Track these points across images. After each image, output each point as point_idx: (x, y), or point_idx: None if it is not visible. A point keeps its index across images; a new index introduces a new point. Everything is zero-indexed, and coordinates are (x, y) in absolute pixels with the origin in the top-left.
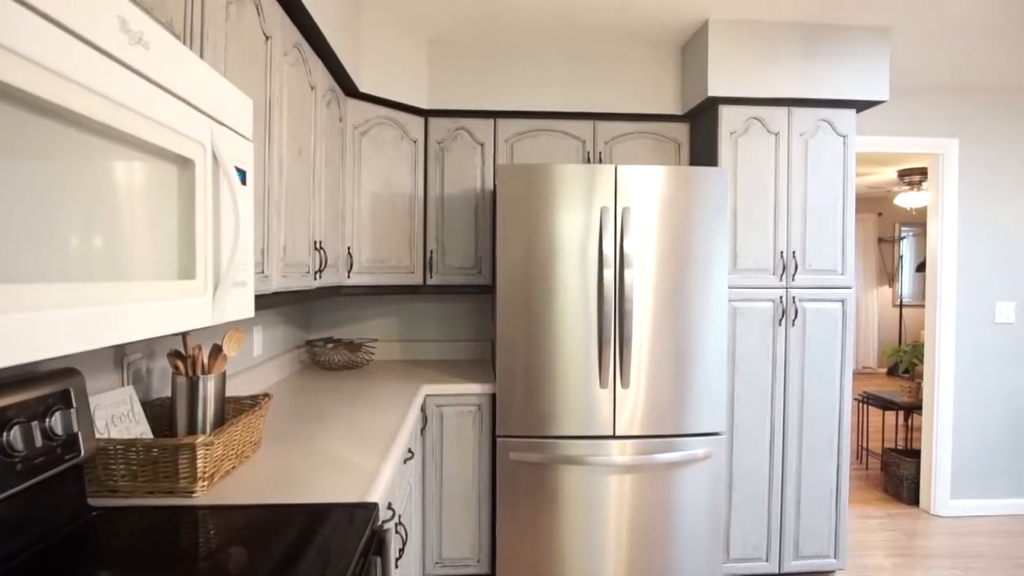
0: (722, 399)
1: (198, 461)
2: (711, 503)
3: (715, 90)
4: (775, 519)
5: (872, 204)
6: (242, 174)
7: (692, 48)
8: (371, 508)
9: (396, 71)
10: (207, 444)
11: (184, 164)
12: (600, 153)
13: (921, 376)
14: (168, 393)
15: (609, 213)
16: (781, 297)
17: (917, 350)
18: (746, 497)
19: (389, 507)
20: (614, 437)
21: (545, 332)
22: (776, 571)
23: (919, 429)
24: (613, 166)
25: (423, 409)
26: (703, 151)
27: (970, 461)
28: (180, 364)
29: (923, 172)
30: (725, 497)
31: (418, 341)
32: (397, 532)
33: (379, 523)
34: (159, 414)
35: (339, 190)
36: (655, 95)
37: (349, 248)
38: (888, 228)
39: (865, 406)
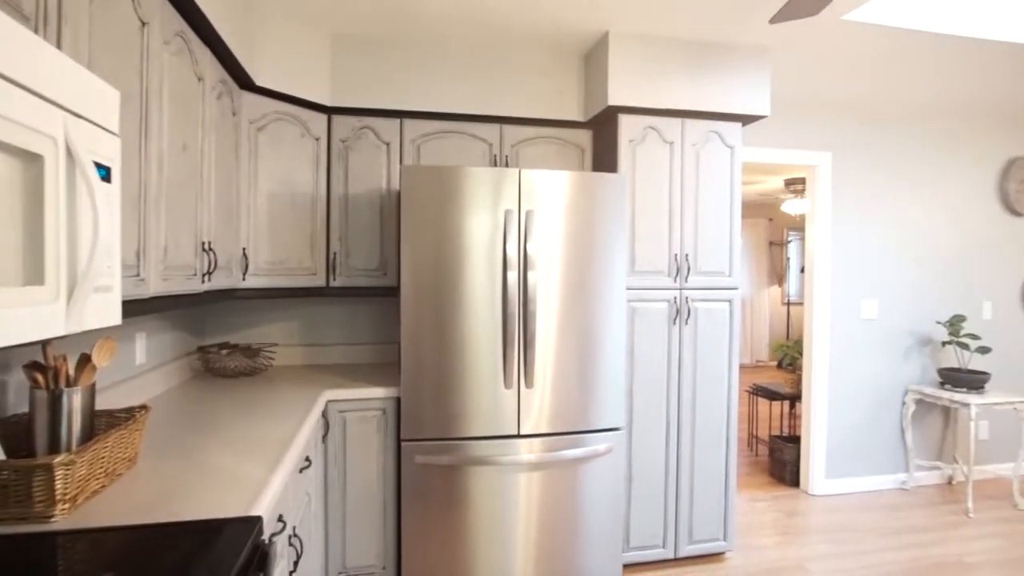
0: (622, 395)
1: (57, 482)
2: (612, 495)
3: (615, 99)
4: (671, 507)
5: (763, 210)
6: (104, 171)
7: (594, 58)
8: (254, 522)
9: (296, 65)
10: (66, 464)
11: (30, 160)
12: (507, 156)
13: (801, 368)
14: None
15: (513, 216)
16: (676, 298)
17: (798, 345)
18: (644, 488)
19: (280, 519)
20: (519, 436)
21: (451, 334)
22: (672, 556)
23: (801, 417)
24: (517, 170)
25: (325, 415)
26: (605, 157)
27: (841, 444)
28: (39, 377)
29: (804, 181)
30: (625, 489)
31: (321, 345)
32: (291, 545)
33: (263, 537)
34: (14, 432)
35: (233, 188)
36: (560, 101)
37: (244, 249)
38: (778, 232)
39: (755, 397)
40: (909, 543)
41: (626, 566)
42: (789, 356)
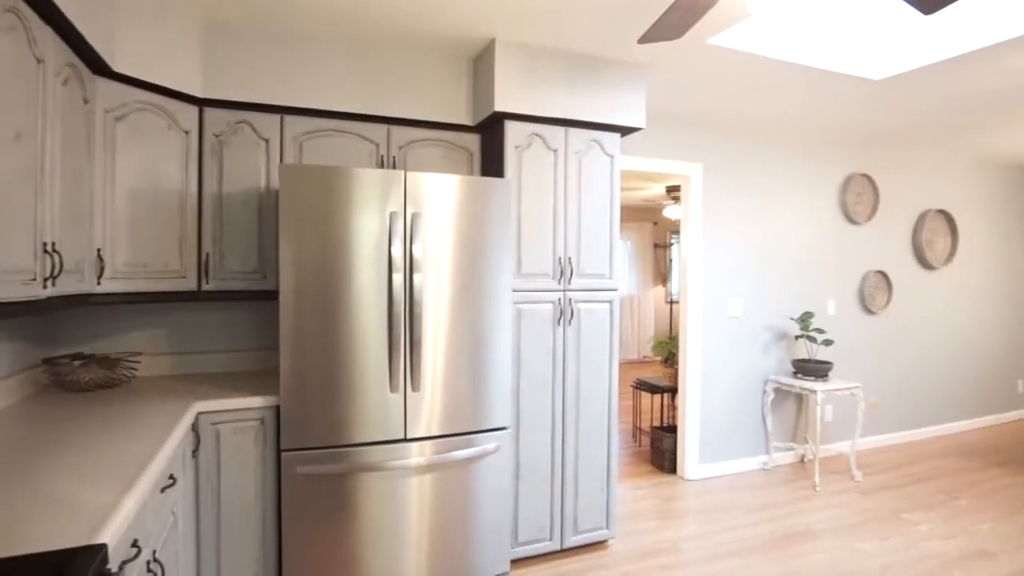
0: (509, 395)
1: None
2: (501, 493)
3: (501, 106)
4: (557, 500)
5: (649, 214)
6: None
7: (482, 64)
8: (96, 551)
9: (161, 51)
10: None
11: None
12: (394, 158)
13: (678, 363)
14: None
15: (399, 218)
16: (560, 299)
17: (675, 341)
18: (531, 483)
19: (134, 544)
20: (406, 440)
21: (335, 338)
22: (559, 547)
23: (678, 408)
24: (403, 172)
25: (195, 428)
26: (492, 162)
27: (712, 431)
28: None
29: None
30: (513, 486)
31: (195, 353)
32: (150, 571)
33: (110, 566)
34: None
35: (85, 183)
36: (448, 104)
37: (99, 251)
38: (662, 235)
39: (638, 392)
40: (767, 517)
41: (514, 561)
42: (667, 351)
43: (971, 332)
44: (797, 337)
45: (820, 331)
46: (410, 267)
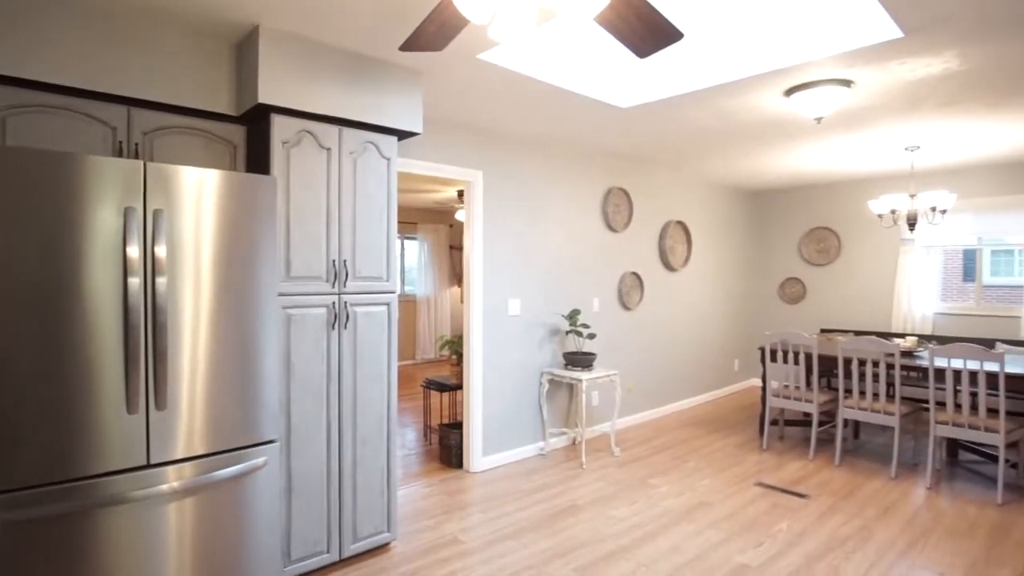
0: (277, 406)
1: None
2: (270, 511)
3: (266, 98)
4: (334, 511)
5: (444, 217)
6: None
7: (245, 51)
8: None
9: None
10: None
11: None
12: (137, 145)
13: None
14: None
15: (137, 215)
16: (334, 303)
17: (460, 340)
18: (305, 497)
19: None
20: (150, 467)
21: (55, 354)
22: (338, 558)
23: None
24: (142, 163)
25: None
26: (259, 157)
27: (494, 424)
28: None
29: None
30: (284, 502)
31: None
32: None
33: None
34: None
35: None
36: (207, 90)
37: None
38: (457, 237)
39: (428, 391)
40: (540, 498)
41: None
42: (452, 350)
43: (702, 322)
44: (567, 332)
45: (586, 326)
46: (152, 270)
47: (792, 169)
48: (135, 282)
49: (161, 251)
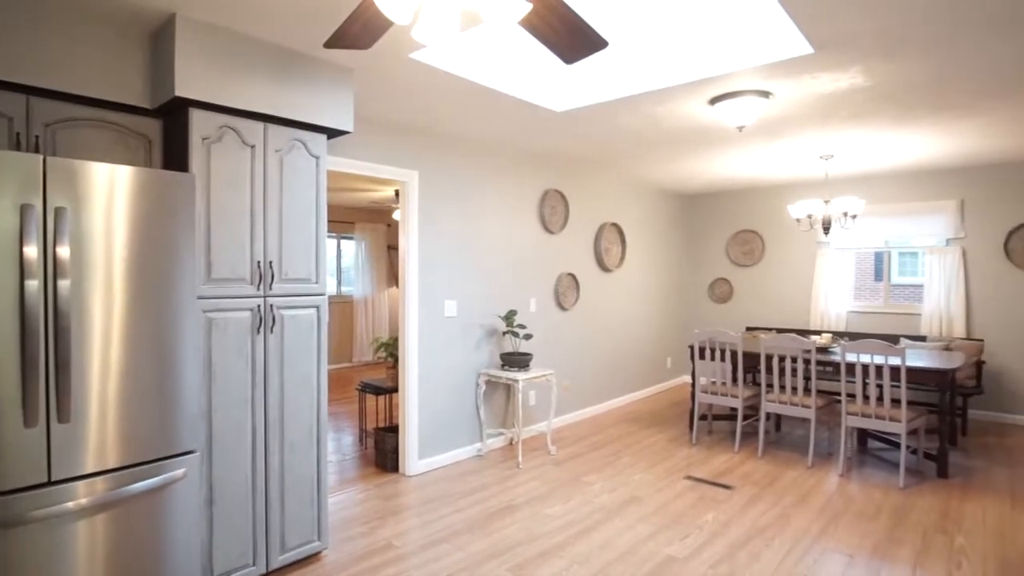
0: (197, 414)
1: None
2: (190, 525)
3: (184, 91)
4: (260, 522)
5: (383, 216)
6: None
7: (161, 40)
8: None
9: None
10: None
11: None
12: (37, 137)
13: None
14: None
15: (35, 213)
16: (259, 306)
17: (396, 343)
18: (229, 508)
19: None
20: (51, 484)
21: None
22: (264, 571)
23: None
24: (41, 157)
25: None
26: (177, 153)
27: (431, 426)
28: None
29: None
30: (206, 514)
31: None
32: None
33: None
34: None
35: None
36: (118, 81)
37: None
38: (396, 237)
39: (364, 394)
40: (476, 500)
41: None
42: (388, 352)
43: (637, 321)
44: (504, 333)
45: (522, 326)
46: (54, 272)
47: (719, 174)
48: (33, 285)
49: (64, 252)
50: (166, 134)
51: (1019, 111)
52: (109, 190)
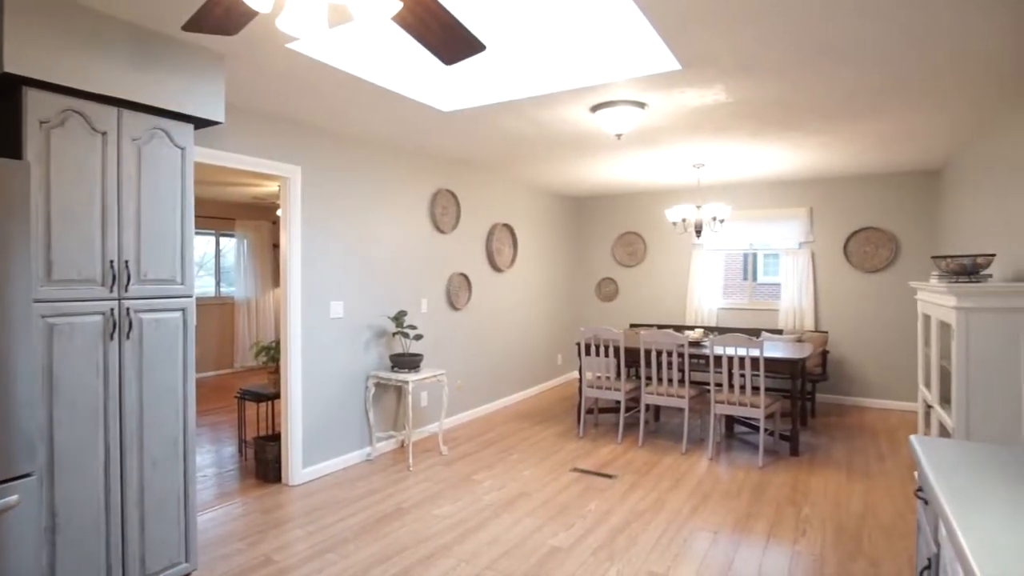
0: (34, 432)
1: None
2: (26, 557)
3: (15, 67)
4: (115, 546)
5: (267, 213)
6: None
7: None
8: None
9: None
10: None
11: None
12: None
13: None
14: None
15: None
16: (113, 310)
17: (277, 346)
18: (75, 535)
19: None
20: None
21: None
22: None
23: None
24: None
25: None
26: (9, 138)
27: (316, 432)
28: None
29: None
30: (47, 543)
31: None
32: None
33: None
34: None
35: None
36: None
37: None
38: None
39: (243, 402)
40: (364, 505)
41: None
42: (268, 357)
43: (528, 320)
44: (394, 334)
45: (412, 327)
46: None
47: (604, 178)
48: None
49: None
50: None
51: (853, 133)
52: None
